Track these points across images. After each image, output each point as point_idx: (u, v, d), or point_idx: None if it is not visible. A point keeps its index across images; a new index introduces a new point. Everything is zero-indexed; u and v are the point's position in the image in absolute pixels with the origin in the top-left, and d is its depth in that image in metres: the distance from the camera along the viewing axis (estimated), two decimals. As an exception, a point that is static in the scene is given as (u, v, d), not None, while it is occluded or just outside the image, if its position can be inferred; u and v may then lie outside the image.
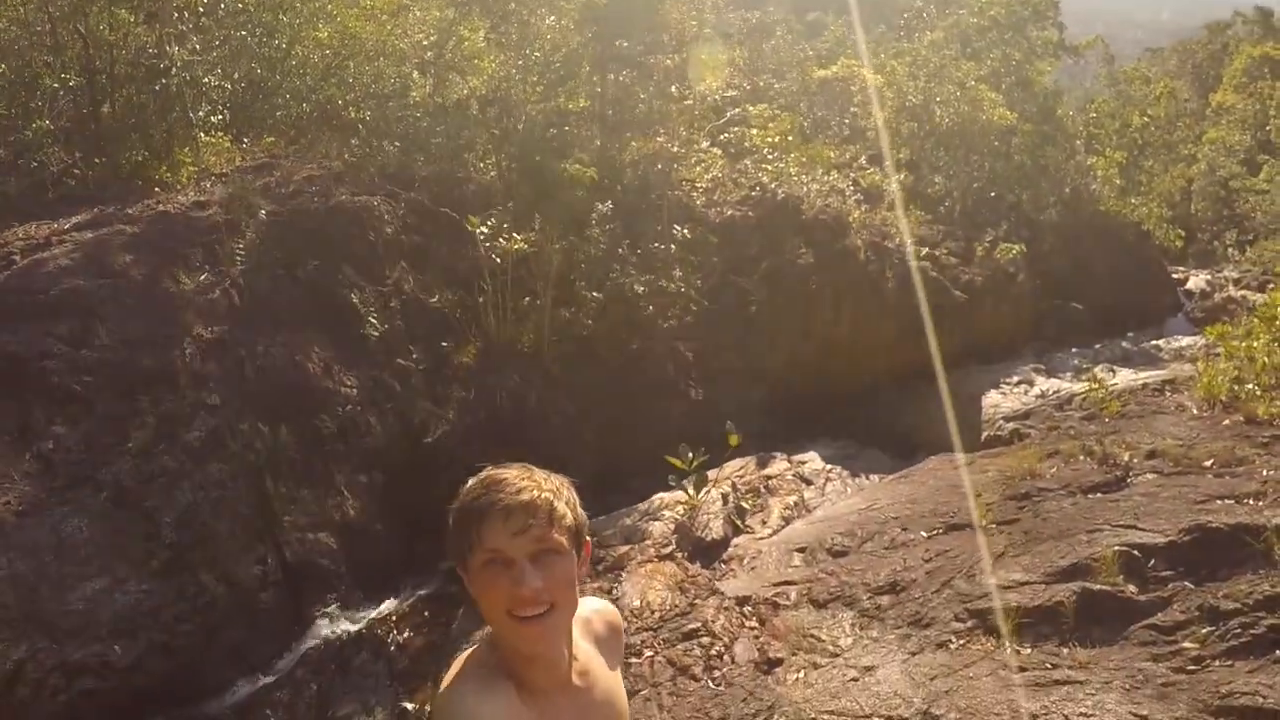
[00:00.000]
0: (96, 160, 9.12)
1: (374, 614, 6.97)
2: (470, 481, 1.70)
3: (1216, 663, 4.04)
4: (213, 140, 9.70)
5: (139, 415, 6.49)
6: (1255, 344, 6.81)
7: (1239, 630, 4.14)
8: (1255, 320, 7.15)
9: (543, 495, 1.63)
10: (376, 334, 8.23)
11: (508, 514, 1.60)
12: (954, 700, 4.07)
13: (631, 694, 4.64)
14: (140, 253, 7.50)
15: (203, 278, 7.64)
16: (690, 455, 7.19)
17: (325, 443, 7.46)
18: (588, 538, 1.73)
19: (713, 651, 4.89)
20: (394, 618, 6.87)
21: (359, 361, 8.09)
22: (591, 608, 1.98)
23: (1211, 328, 8.08)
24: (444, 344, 8.59)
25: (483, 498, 1.63)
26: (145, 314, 7.11)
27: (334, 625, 6.76)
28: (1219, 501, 5.18)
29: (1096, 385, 6.69)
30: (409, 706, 5.33)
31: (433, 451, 7.99)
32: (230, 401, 7.02)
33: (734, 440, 7.92)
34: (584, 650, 1.80)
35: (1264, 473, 5.40)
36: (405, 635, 6.58)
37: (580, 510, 1.70)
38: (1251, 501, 5.09)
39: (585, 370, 8.76)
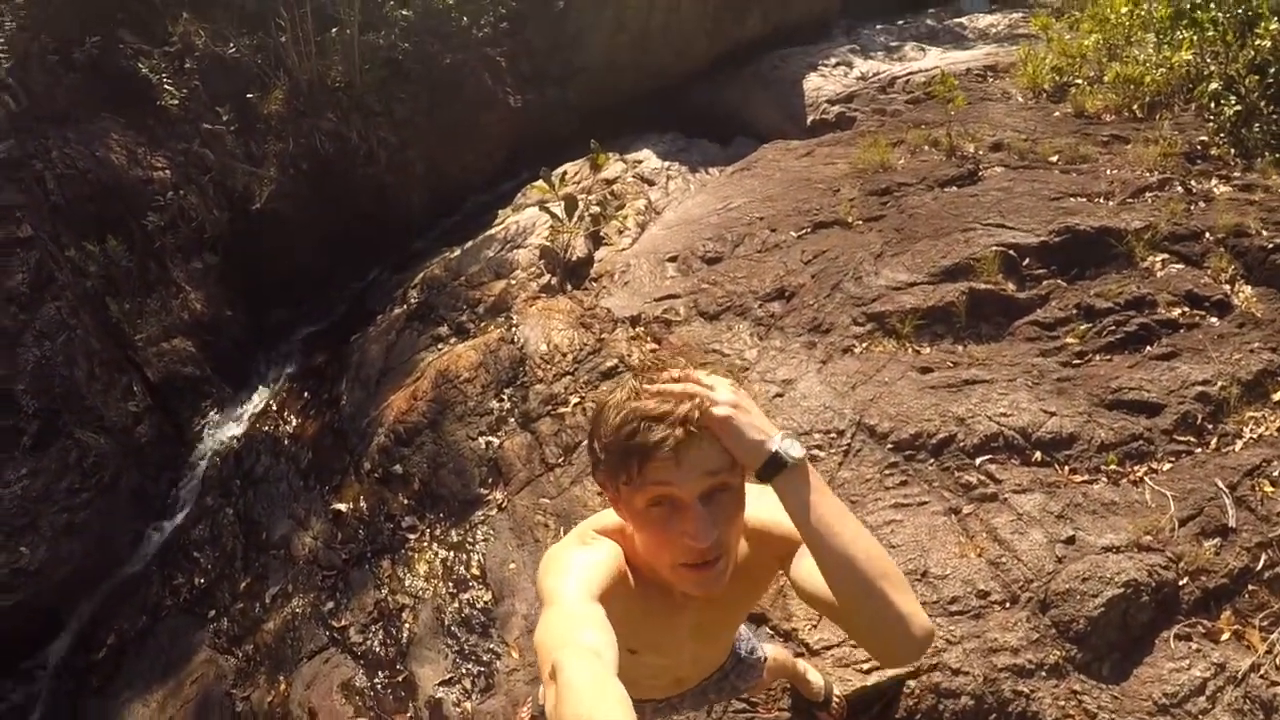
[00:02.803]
0: None
1: (252, 409, 6.35)
2: (618, 397, 1.38)
3: (1098, 358, 4.51)
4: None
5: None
6: (1085, 43, 7.07)
7: (1113, 327, 4.62)
8: (1086, 18, 7.37)
9: None
10: (176, 102, 7.02)
11: (678, 455, 1.31)
12: (883, 408, 4.30)
13: (575, 446, 4.51)
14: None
15: (-32, 90, 6.15)
16: (554, 179, 6.66)
17: (154, 239, 6.48)
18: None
19: (637, 384, 4.81)
20: (274, 407, 6.21)
21: (164, 138, 6.98)
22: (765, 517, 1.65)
23: (1036, 17, 8.32)
24: (250, 96, 7.33)
25: (645, 433, 1.32)
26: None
27: (219, 433, 6.17)
28: (1073, 200, 5.56)
29: (942, 78, 6.72)
30: (341, 507, 4.87)
31: (262, 216, 7.10)
32: (43, 227, 5.87)
33: (601, 159, 7.43)
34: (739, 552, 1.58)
35: (1109, 172, 5.81)
36: (294, 423, 5.96)
37: None
38: (1103, 201, 5.50)
39: (402, 96, 7.79)
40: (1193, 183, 5.54)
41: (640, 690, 2.08)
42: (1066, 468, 3.92)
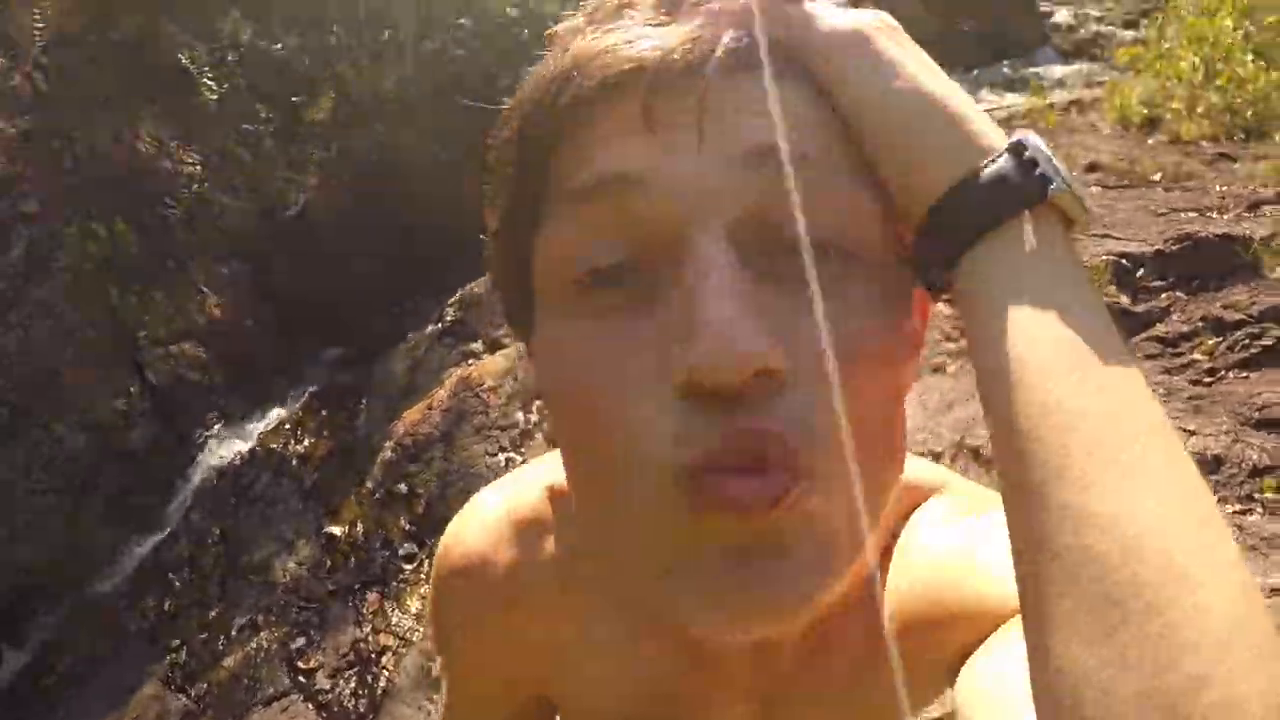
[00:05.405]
0: None
1: (264, 426, 5.79)
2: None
3: (1231, 374, 3.87)
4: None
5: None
6: (1181, 64, 6.55)
7: (1247, 341, 3.98)
8: (1183, 40, 6.88)
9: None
10: (215, 97, 6.68)
11: (654, 85, 0.46)
12: (986, 430, 3.63)
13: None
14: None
15: (-6, 65, 6.05)
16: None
17: (172, 232, 6.10)
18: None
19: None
20: (287, 425, 5.68)
21: (199, 132, 6.63)
22: None
23: (1123, 50, 7.88)
24: (295, 99, 7.01)
25: (603, 60, 0.48)
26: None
27: (222, 449, 5.64)
28: (1182, 214, 4.95)
29: (1036, 97, 6.28)
30: (335, 531, 4.30)
31: (297, 225, 6.70)
32: (52, 204, 5.58)
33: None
34: None
35: (1217, 188, 5.26)
36: (306, 444, 5.43)
37: None
38: (1215, 215, 4.92)
39: (458, 110, 7.36)
40: (1314, 194, 4.95)
41: None
42: (1216, 496, 3.18)
